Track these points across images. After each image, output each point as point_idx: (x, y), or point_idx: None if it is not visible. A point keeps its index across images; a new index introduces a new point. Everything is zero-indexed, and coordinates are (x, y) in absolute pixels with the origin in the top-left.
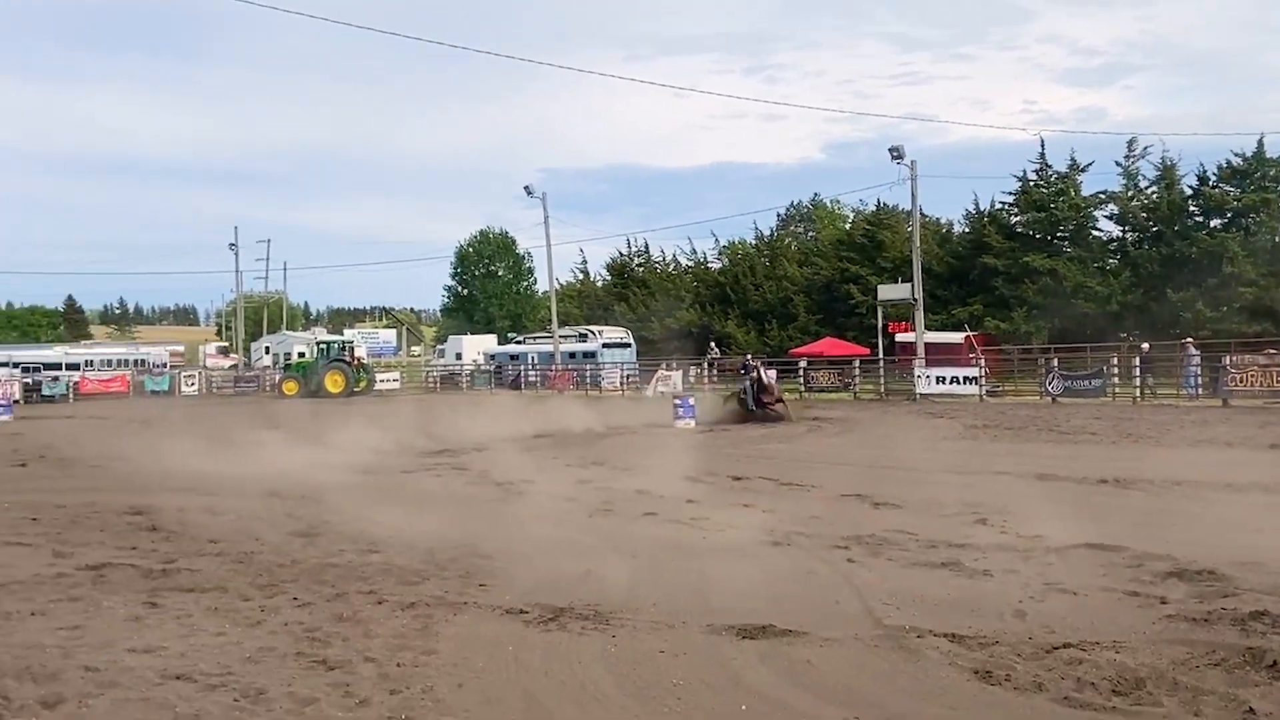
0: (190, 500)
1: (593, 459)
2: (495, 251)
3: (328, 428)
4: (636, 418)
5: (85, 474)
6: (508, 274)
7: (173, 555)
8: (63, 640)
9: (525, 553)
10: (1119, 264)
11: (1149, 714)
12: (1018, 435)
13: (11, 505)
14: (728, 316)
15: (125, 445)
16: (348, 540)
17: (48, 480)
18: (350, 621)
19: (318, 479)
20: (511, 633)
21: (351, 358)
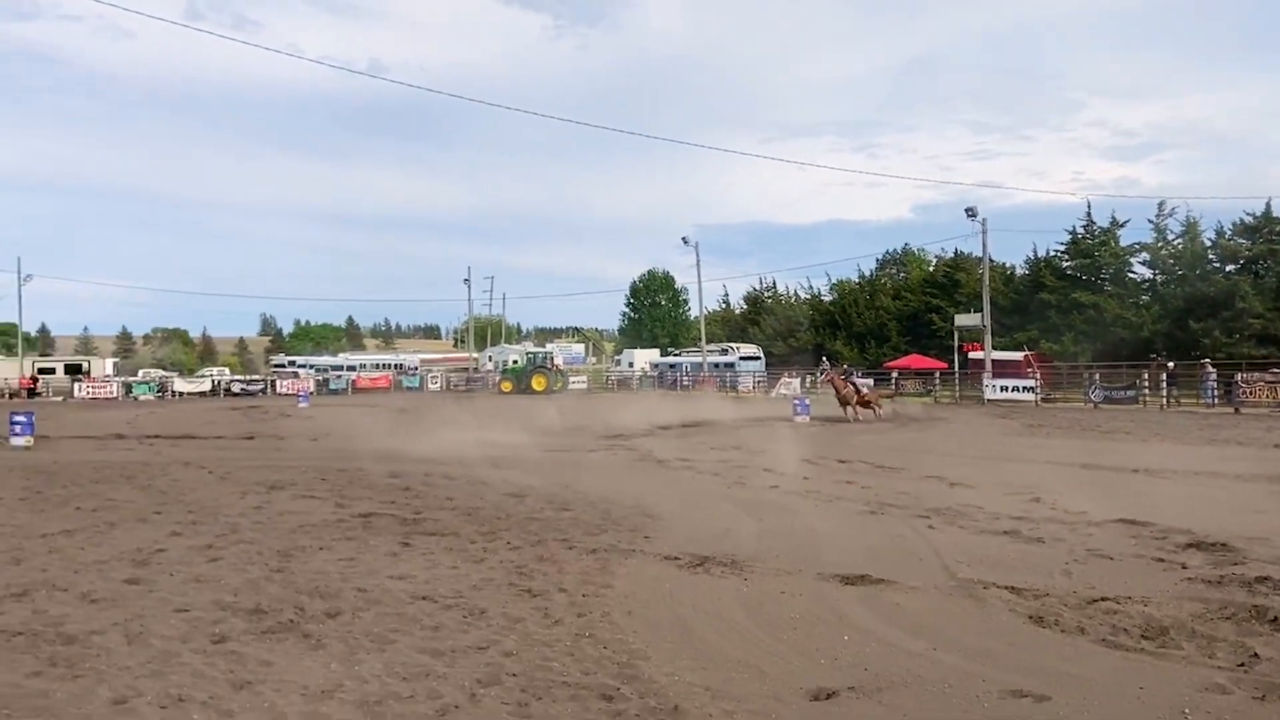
0: (433, 468)
1: (731, 444)
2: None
3: (533, 417)
4: (764, 413)
5: (358, 449)
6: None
7: (420, 508)
8: (341, 569)
9: (679, 514)
10: (1150, 300)
11: (1172, 655)
12: (1066, 433)
13: (307, 470)
14: (836, 337)
15: (385, 428)
16: (546, 501)
17: (332, 452)
18: (548, 561)
19: (524, 454)
20: (668, 574)
21: (551, 365)
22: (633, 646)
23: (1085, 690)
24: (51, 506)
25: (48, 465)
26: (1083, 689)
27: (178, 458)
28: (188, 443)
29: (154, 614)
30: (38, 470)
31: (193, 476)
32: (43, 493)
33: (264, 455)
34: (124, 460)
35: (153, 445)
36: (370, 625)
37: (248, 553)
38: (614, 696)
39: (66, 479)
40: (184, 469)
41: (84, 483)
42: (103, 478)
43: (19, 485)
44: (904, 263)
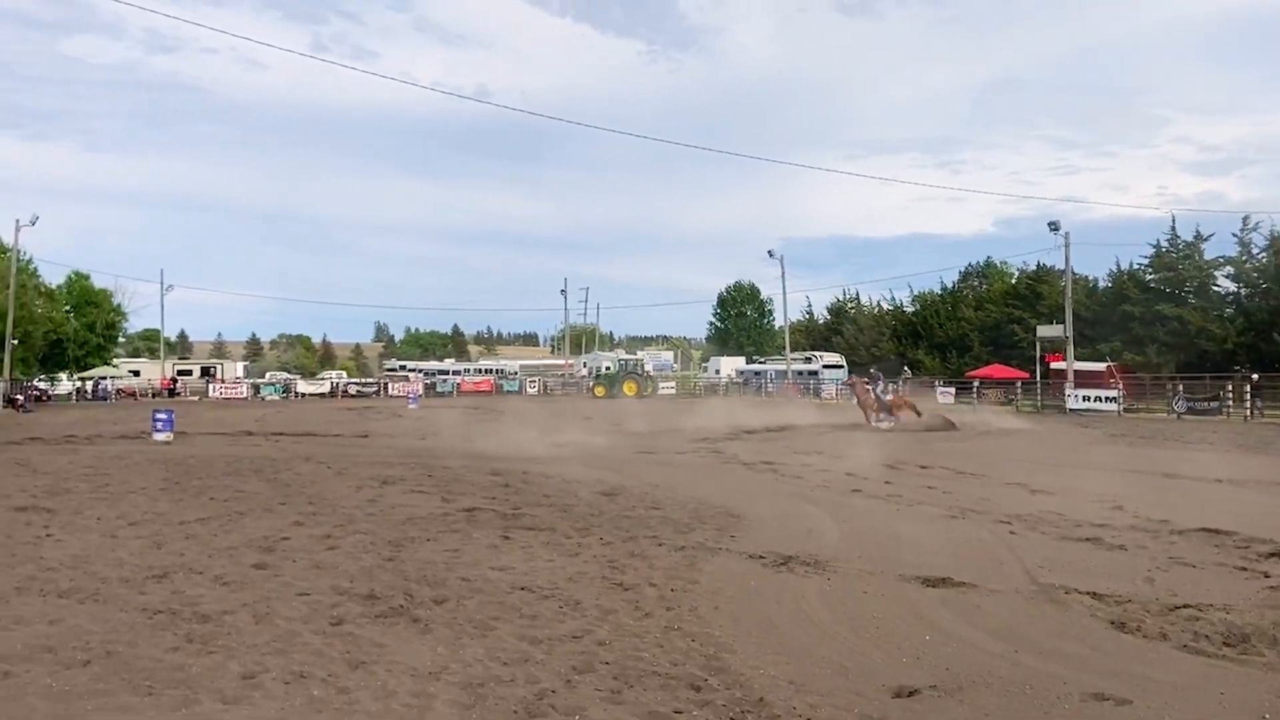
0: (531, 467)
1: (814, 449)
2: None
3: (624, 420)
4: (847, 420)
5: (462, 448)
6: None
7: (519, 504)
8: (447, 559)
9: (764, 515)
10: (1234, 313)
11: (1253, 661)
12: (1148, 443)
13: (417, 466)
14: (918, 347)
15: (487, 429)
16: (638, 500)
17: (439, 451)
18: (639, 557)
19: (616, 455)
20: (752, 571)
21: (642, 371)
22: (719, 640)
23: (1166, 695)
24: (188, 496)
25: (185, 459)
26: (1163, 693)
27: (300, 453)
28: (309, 440)
29: (279, 597)
30: (176, 463)
31: (313, 471)
32: (180, 484)
33: (377, 452)
34: (252, 455)
35: (278, 442)
36: (473, 612)
37: (362, 542)
38: (701, 687)
39: (202, 472)
40: (305, 464)
41: (217, 475)
42: (233, 471)
43: (160, 477)
44: (986, 275)
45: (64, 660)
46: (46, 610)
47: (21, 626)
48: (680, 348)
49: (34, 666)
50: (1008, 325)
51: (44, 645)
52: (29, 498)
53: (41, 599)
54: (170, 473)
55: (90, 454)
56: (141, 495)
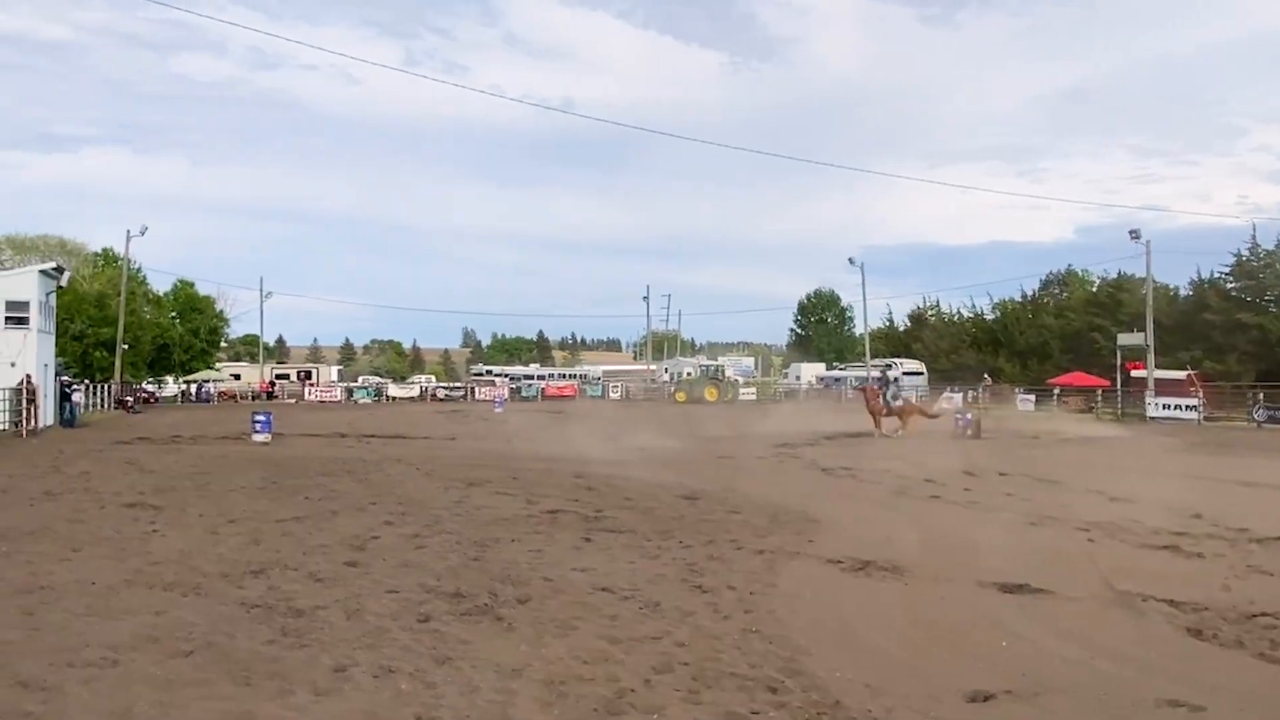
0: (613, 470)
1: (893, 454)
2: (825, 304)
3: (705, 425)
4: (926, 426)
5: (546, 451)
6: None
7: (601, 507)
8: (530, 559)
9: (842, 520)
10: None
11: None
12: (1228, 451)
13: (502, 469)
14: (998, 354)
15: (571, 433)
16: (717, 503)
17: (523, 453)
18: (719, 560)
19: (697, 460)
20: (830, 576)
21: (723, 377)
22: (796, 643)
23: (1241, 702)
24: (285, 495)
25: (282, 459)
26: (1239, 701)
27: (390, 455)
28: (399, 442)
29: (369, 594)
30: (274, 463)
31: (403, 472)
32: (277, 483)
33: (464, 455)
34: (345, 456)
35: (369, 444)
36: (555, 612)
37: (449, 542)
38: (779, 689)
39: (297, 471)
40: (395, 465)
41: (312, 475)
42: (327, 471)
43: (259, 476)
44: (1066, 282)
45: (168, 650)
46: (152, 602)
47: (129, 617)
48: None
49: (140, 655)
50: (1088, 333)
51: (149, 635)
52: (137, 494)
53: (148, 591)
54: (268, 472)
55: (194, 454)
56: (241, 494)
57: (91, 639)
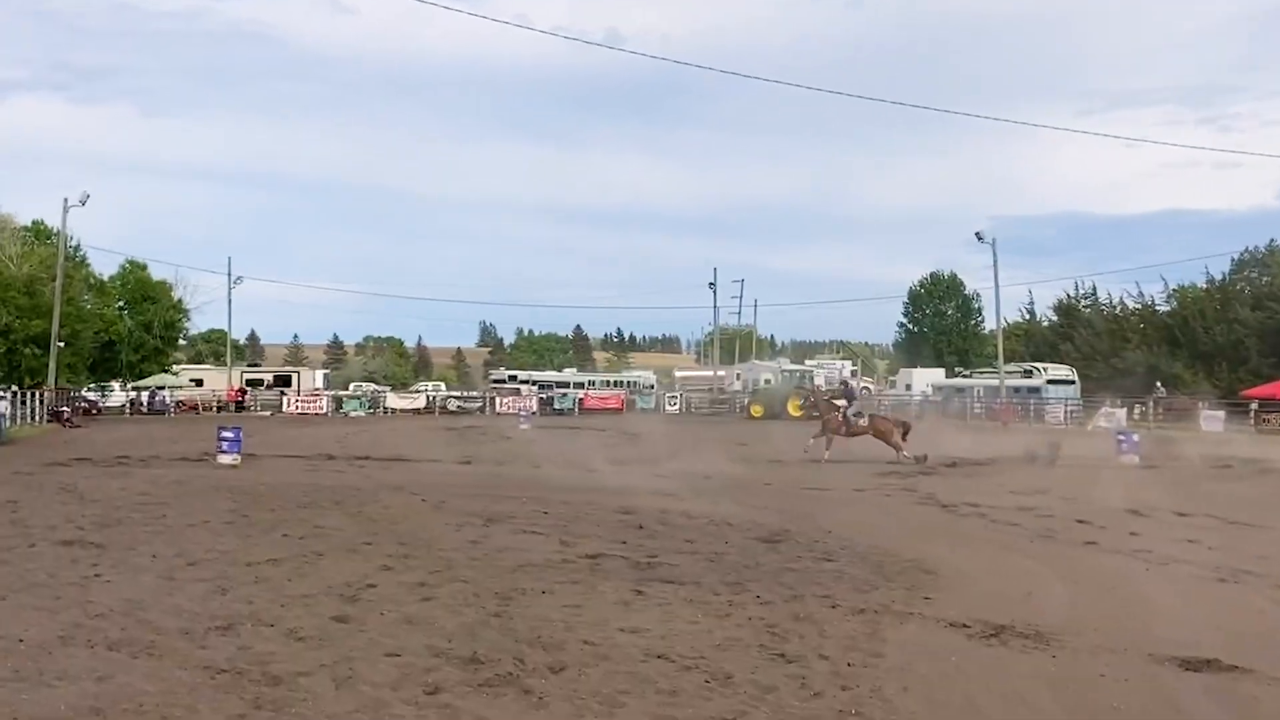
0: (670, 505)
1: (1035, 487)
2: (945, 292)
3: (788, 448)
4: (1079, 451)
5: (585, 479)
6: (956, 313)
7: (655, 551)
8: (566, 616)
9: (969, 571)
10: None
11: None
12: None
13: (529, 500)
14: (1175, 357)
15: (616, 455)
16: (805, 548)
17: (556, 481)
18: (806, 621)
19: (778, 491)
20: (954, 644)
21: (811, 386)
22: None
23: None
24: (258, 532)
25: (254, 486)
26: None
27: (389, 482)
28: (400, 466)
29: (363, 657)
30: (244, 491)
31: (405, 504)
32: (249, 516)
33: (481, 482)
34: (333, 484)
35: (363, 468)
36: (598, 684)
37: (463, 593)
38: None
39: (274, 502)
40: (395, 495)
41: (291, 507)
42: (311, 502)
43: (225, 508)
44: (1268, 264)
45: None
46: (94, 665)
47: (65, 683)
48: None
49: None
50: None
51: (91, 706)
52: (75, 530)
53: (89, 651)
54: (237, 503)
55: (145, 478)
56: (204, 529)
57: (19, 712)
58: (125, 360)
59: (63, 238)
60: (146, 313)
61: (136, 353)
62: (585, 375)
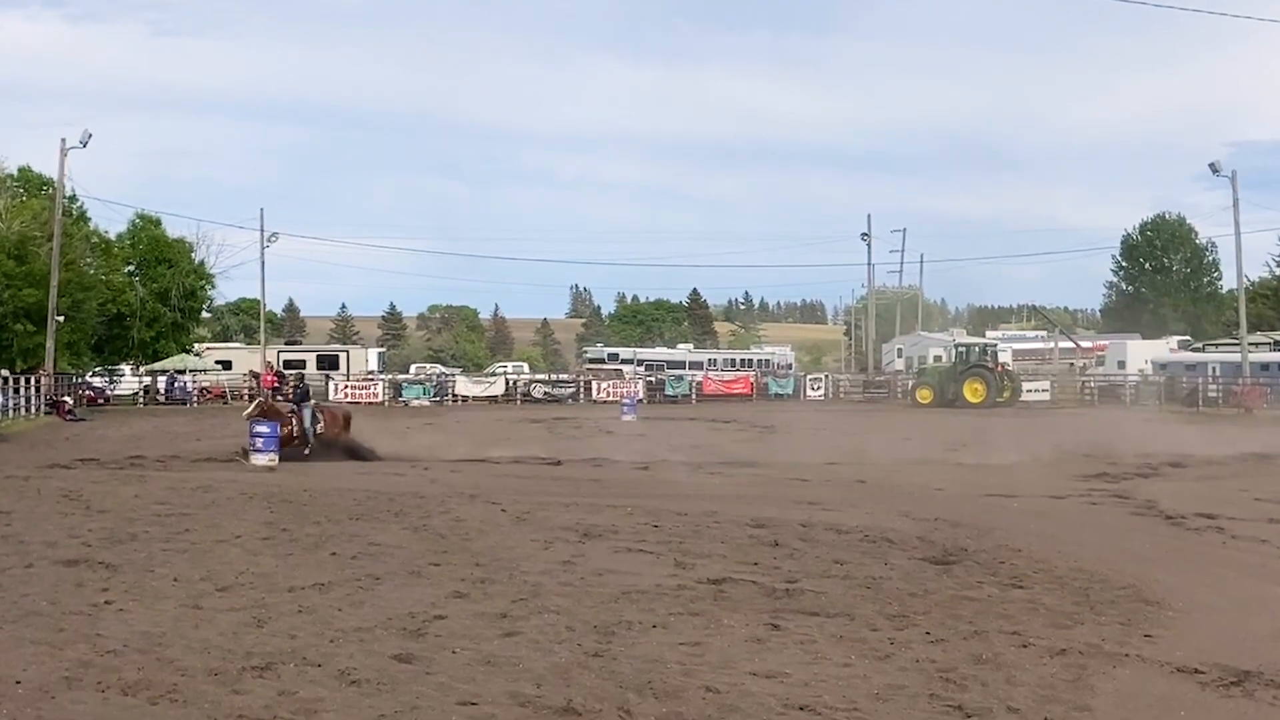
0: (814, 515)
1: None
2: (1169, 242)
3: (963, 442)
4: None
5: (704, 481)
6: (1184, 268)
7: (795, 574)
8: (683, 656)
9: (1204, 602)
10: None
11: None
12: None
13: (635, 511)
14: None
15: (747, 454)
16: (987, 571)
17: (669, 486)
18: (990, 664)
19: (952, 498)
20: (1183, 695)
21: (994, 364)
22: None
23: None
24: (301, 550)
25: (296, 493)
26: None
27: (460, 488)
28: (473, 468)
29: (431, 705)
30: (284, 500)
31: (480, 515)
32: (290, 531)
33: (576, 488)
34: (392, 490)
35: (428, 470)
36: None
37: (554, 626)
38: None
39: (319, 513)
40: (469, 504)
41: (341, 519)
42: (365, 513)
43: (261, 520)
44: None
45: None
46: (106, 712)
47: None
48: (1059, 324)
49: None
50: None
51: None
52: (81, 547)
53: (100, 695)
54: (276, 514)
55: (164, 484)
56: (236, 547)
57: None
58: (137, 338)
59: (60, 187)
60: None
61: (150, 328)
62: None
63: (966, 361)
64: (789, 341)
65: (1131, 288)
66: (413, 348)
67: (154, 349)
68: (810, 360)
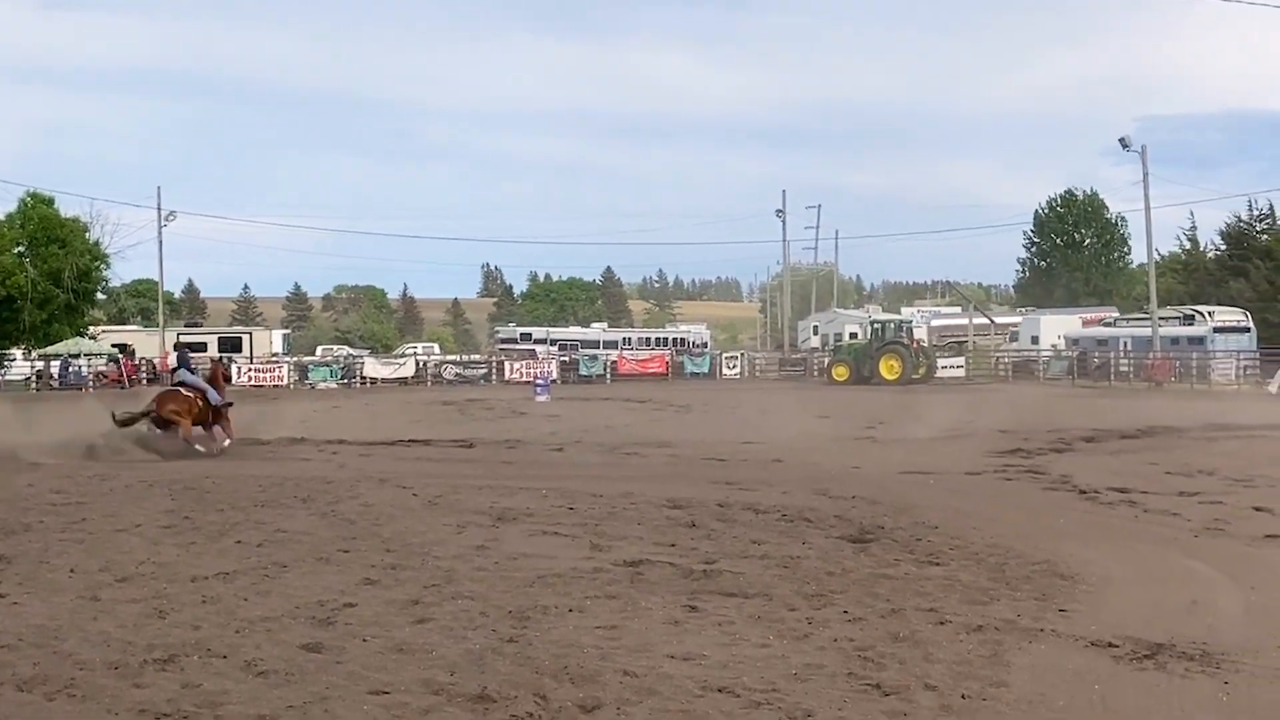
0: (731, 495)
1: (1199, 466)
2: (1080, 217)
3: (884, 420)
4: (1257, 418)
5: (620, 462)
6: (1096, 243)
7: (713, 555)
8: (600, 640)
9: (1114, 575)
10: None
11: None
12: None
13: (549, 493)
14: None
15: (661, 432)
16: (904, 549)
17: (583, 467)
18: (907, 642)
19: (869, 476)
20: (1097, 669)
21: (910, 340)
22: None
23: None
24: (204, 539)
25: (199, 480)
26: None
27: (370, 472)
28: (383, 451)
29: (341, 695)
30: (186, 487)
31: (391, 500)
32: (192, 519)
33: (489, 470)
34: (298, 475)
35: (336, 454)
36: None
37: (468, 612)
38: None
39: (223, 500)
40: (379, 488)
41: (246, 506)
42: (271, 499)
43: (162, 508)
44: None
45: None
46: (0, 709)
47: None
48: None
49: None
50: None
51: None
52: None
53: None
54: (178, 501)
55: (58, 472)
56: (136, 536)
57: None
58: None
59: None
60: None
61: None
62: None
63: (882, 338)
64: (705, 320)
65: (1044, 262)
66: (319, 329)
67: (46, 332)
68: (726, 338)
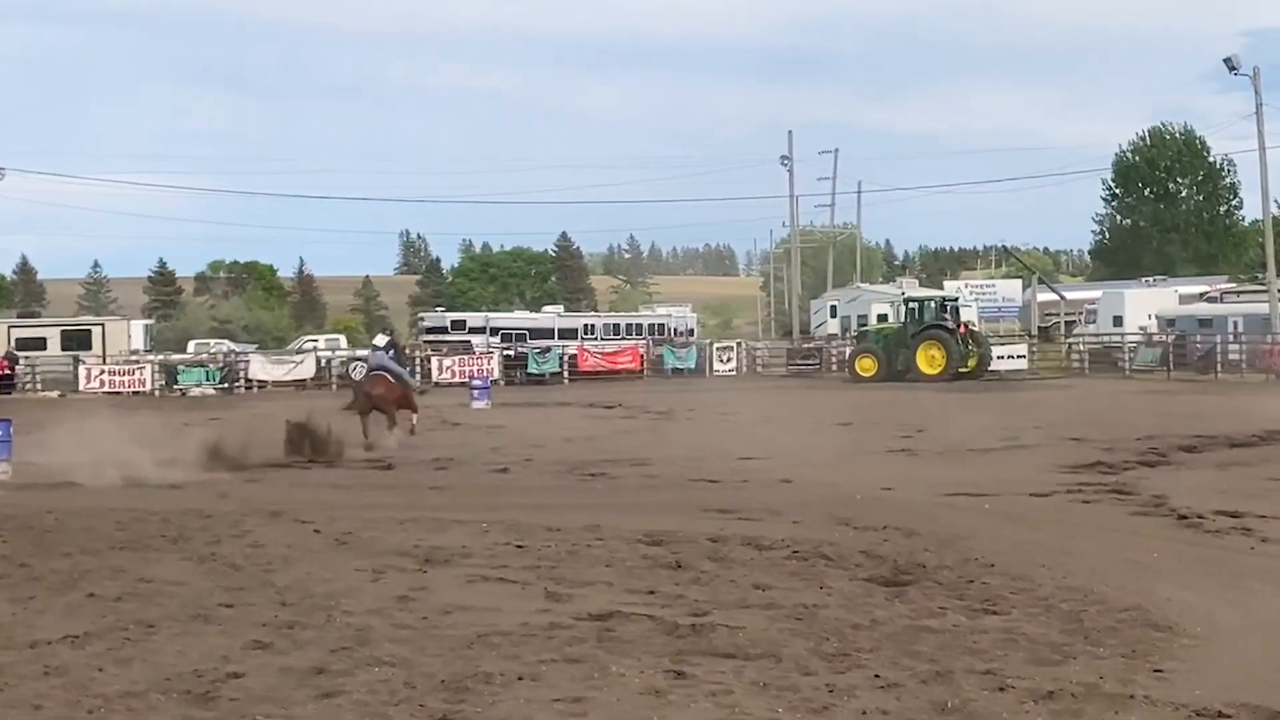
0: (727, 526)
1: None
2: (1174, 162)
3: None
4: None
5: (583, 485)
6: (1195, 194)
7: (704, 605)
8: (559, 717)
9: (1223, 624)
10: None
11: None
12: None
13: (493, 525)
14: None
15: (633, 446)
16: (951, 593)
17: (535, 493)
18: (957, 714)
19: (907, 497)
20: None
21: (955, 322)
22: None
23: None
24: (47, 591)
25: (38, 516)
26: None
27: (259, 503)
28: (277, 475)
29: None
30: (23, 526)
31: (287, 539)
32: (30, 566)
33: (413, 498)
34: (167, 507)
35: (216, 480)
36: None
37: (388, 683)
38: None
39: (70, 542)
40: (271, 524)
41: (100, 549)
42: (132, 540)
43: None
44: None
45: None
46: None
47: None
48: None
49: None
50: None
51: None
52: None
53: None
54: (11, 544)
55: None
56: None
57: None
58: None
59: None
60: None
61: None
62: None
63: (920, 321)
64: (690, 299)
65: (1128, 221)
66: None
67: None
68: (718, 324)
